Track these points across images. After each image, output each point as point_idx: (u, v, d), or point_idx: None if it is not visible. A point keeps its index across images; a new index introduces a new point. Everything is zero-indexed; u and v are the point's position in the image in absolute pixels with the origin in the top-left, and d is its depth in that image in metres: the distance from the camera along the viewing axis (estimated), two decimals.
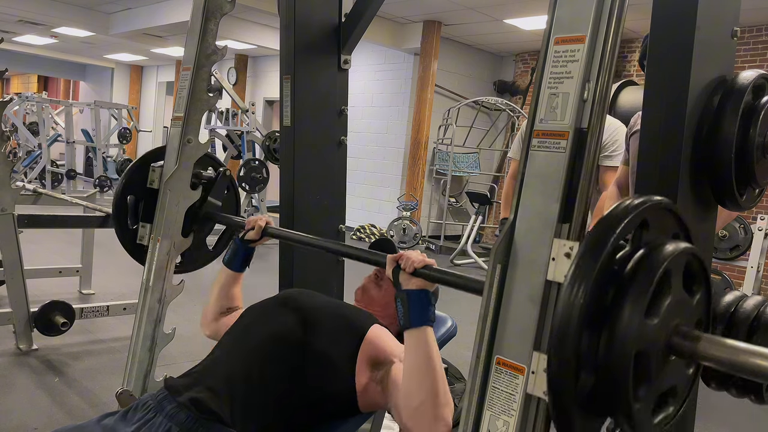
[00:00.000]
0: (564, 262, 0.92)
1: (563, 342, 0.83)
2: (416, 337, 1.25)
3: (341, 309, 1.54)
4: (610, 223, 0.86)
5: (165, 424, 1.24)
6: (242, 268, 1.78)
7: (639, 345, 0.83)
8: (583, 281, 0.83)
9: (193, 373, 1.39)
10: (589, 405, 0.86)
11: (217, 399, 1.28)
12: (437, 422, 1.20)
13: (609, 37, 0.94)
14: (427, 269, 1.27)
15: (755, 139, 1.17)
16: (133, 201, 2.00)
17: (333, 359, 1.37)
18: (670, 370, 0.90)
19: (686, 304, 0.92)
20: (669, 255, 0.87)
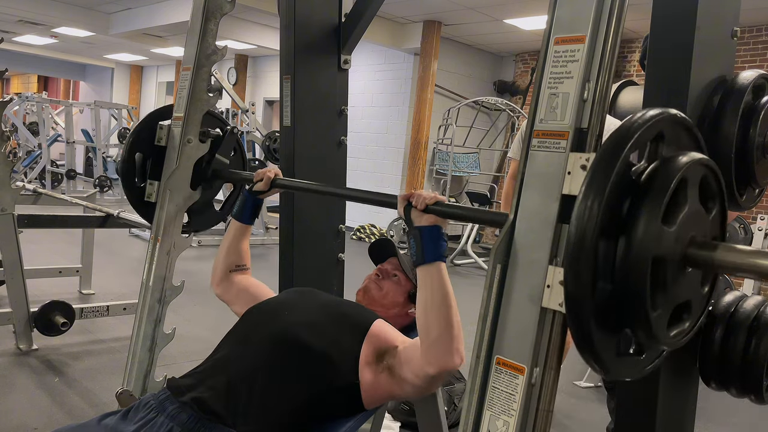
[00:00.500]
0: (580, 174, 0.92)
1: (580, 250, 0.82)
2: (430, 272, 1.26)
3: (343, 307, 1.54)
4: (626, 133, 0.85)
5: (167, 425, 1.24)
6: (251, 220, 1.77)
7: (656, 250, 0.83)
8: (599, 189, 0.82)
9: (196, 373, 1.39)
10: (606, 316, 0.85)
11: (220, 399, 1.28)
12: (454, 354, 1.23)
13: (609, 37, 0.94)
14: (438, 205, 1.28)
15: (755, 139, 1.17)
16: (141, 159, 2.00)
17: (336, 358, 1.37)
18: (686, 283, 0.90)
19: (702, 219, 0.91)
20: (686, 164, 0.86)
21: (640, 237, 0.82)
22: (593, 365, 0.88)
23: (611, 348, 0.89)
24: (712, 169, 0.92)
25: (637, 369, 0.95)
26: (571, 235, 0.83)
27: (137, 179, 2.02)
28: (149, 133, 2.00)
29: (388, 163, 9.11)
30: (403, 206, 1.32)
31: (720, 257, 0.87)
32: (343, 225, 2.31)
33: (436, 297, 1.25)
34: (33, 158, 11.06)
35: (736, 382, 1.16)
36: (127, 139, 2.02)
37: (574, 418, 3.07)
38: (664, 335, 0.89)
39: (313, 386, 1.34)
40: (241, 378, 1.33)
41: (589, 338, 0.85)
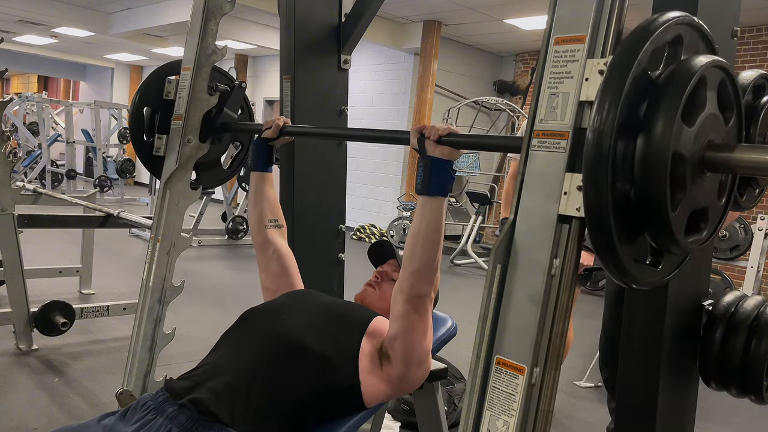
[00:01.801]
0: (597, 80, 0.91)
1: (598, 152, 0.81)
2: (430, 204, 1.29)
3: (342, 308, 1.54)
4: (644, 32, 0.84)
5: (165, 426, 1.24)
6: (267, 167, 1.78)
7: (676, 146, 0.82)
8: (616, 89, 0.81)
9: (194, 375, 1.39)
10: (625, 217, 0.84)
11: (218, 401, 1.28)
12: (429, 284, 1.33)
13: (609, 37, 0.94)
14: (451, 136, 1.29)
15: (755, 139, 1.17)
16: (149, 113, 2.02)
17: (335, 359, 1.37)
18: (704, 189, 0.90)
19: (720, 125, 0.91)
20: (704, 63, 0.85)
21: (660, 133, 0.81)
22: (611, 268, 0.87)
23: (629, 253, 0.88)
24: (730, 75, 0.91)
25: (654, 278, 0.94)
26: (589, 137, 0.82)
27: (146, 134, 2.04)
28: (157, 88, 2.02)
29: (388, 163, 9.11)
30: (416, 138, 1.33)
31: (739, 156, 0.86)
32: (343, 225, 2.31)
33: (429, 229, 1.30)
34: (33, 158, 11.06)
35: (736, 382, 1.16)
36: (134, 94, 2.04)
37: (574, 418, 3.07)
38: (682, 239, 0.88)
39: (313, 388, 1.34)
40: (239, 380, 1.32)
41: (609, 241, 0.84)
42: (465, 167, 8.77)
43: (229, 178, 2.21)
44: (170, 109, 2.00)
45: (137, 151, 2.07)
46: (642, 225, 0.87)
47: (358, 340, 1.40)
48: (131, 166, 11.02)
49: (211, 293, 4.66)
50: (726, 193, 0.97)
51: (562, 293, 0.95)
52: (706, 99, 0.86)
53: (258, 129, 1.82)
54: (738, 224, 4.64)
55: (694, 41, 0.91)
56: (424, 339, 1.38)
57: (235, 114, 2.07)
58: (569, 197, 0.93)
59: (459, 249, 7.39)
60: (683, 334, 1.24)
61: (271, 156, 1.79)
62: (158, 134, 2.02)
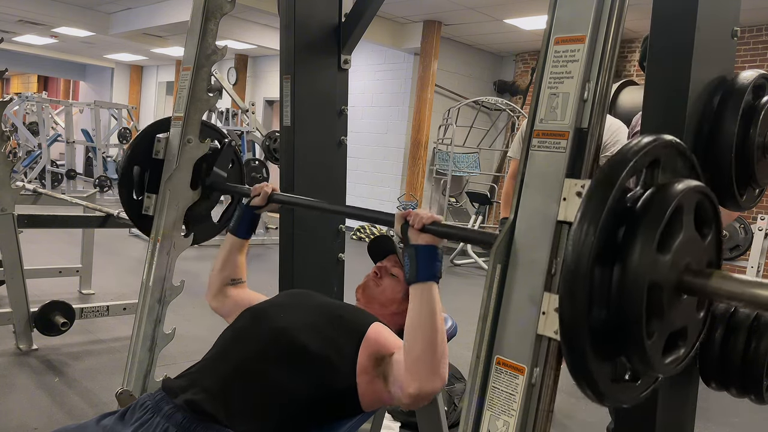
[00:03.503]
0: (575, 201, 0.92)
1: (575, 278, 0.82)
2: (422, 291, 1.27)
3: (340, 309, 1.53)
4: (621, 160, 0.85)
5: (162, 425, 1.24)
6: (248, 235, 1.76)
7: (652, 276, 0.83)
8: (594, 216, 0.82)
9: (190, 374, 1.38)
10: (601, 342, 0.85)
11: (214, 400, 1.27)
12: (434, 375, 1.24)
13: (609, 37, 0.95)
14: (435, 225, 1.29)
15: (755, 139, 1.17)
16: (139, 171, 2.00)
17: (333, 360, 1.36)
18: (682, 311, 0.90)
19: (697, 245, 0.91)
20: (681, 191, 0.86)
21: (636, 265, 0.82)
22: (588, 393, 0.88)
23: (606, 375, 0.89)
24: (708, 195, 0.92)
25: (633, 395, 0.94)
26: (567, 262, 0.84)
27: (135, 192, 2.02)
28: (147, 146, 2.00)
29: (388, 163, 9.11)
30: (400, 224, 1.33)
31: (715, 286, 0.87)
32: (343, 225, 2.31)
33: (423, 316, 1.26)
34: (33, 158, 11.06)
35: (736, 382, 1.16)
36: (125, 153, 2.04)
37: (574, 418, 3.07)
38: (660, 363, 0.89)
39: (311, 387, 1.33)
40: (236, 379, 1.32)
41: (584, 366, 0.85)
42: (465, 167, 8.77)
43: (220, 232, 2.17)
44: (159, 168, 1.97)
45: (126, 210, 2.04)
46: (618, 349, 0.87)
47: (356, 346, 1.39)
48: None
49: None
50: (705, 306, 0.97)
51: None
52: (683, 225, 0.87)
53: (247, 193, 1.81)
54: (738, 224, 4.64)
55: (671, 160, 0.92)
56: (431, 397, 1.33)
57: (224, 172, 2.04)
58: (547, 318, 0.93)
59: (459, 249, 7.39)
60: None
61: (255, 224, 1.78)
62: (147, 193, 2.00)
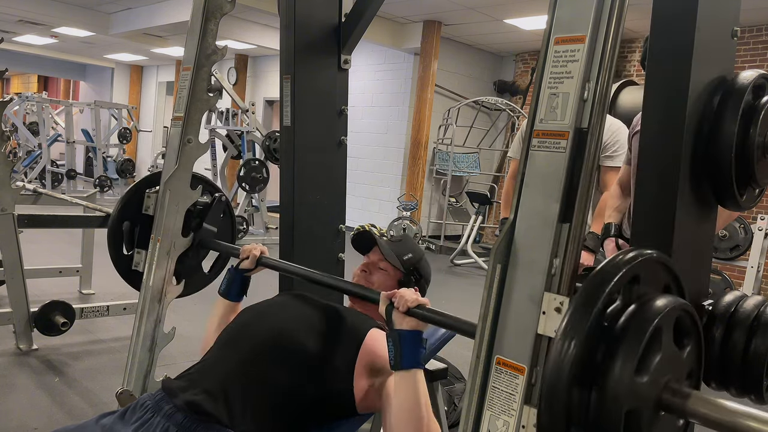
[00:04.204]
0: (554, 317, 0.92)
1: (554, 398, 0.83)
2: (405, 378, 1.25)
3: (339, 312, 1.53)
4: (602, 280, 0.86)
5: (163, 424, 1.24)
6: (239, 298, 1.75)
7: (629, 404, 0.83)
8: (574, 338, 0.83)
9: (189, 374, 1.39)
10: None
11: (214, 401, 1.27)
12: None
13: (609, 37, 0.94)
14: (420, 309, 1.27)
15: (755, 139, 1.17)
16: (129, 227, 1.99)
17: (331, 362, 1.36)
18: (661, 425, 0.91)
19: (677, 359, 0.92)
20: (659, 311, 0.87)
21: (613, 390, 0.82)
22: None
23: None
24: (687, 311, 0.92)
25: None
26: (546, 380, 0.84)
27: (125, 247, 2.01)
28: (137, 201, 2.00)
29: (388, 163, 9.11)
30: (385, 305, 1.31)
31: (692, 407, 0.87)
32: (343, 225, 2.31)
33: (408, 404, 1.24)
34: (33, 158, 11.06)
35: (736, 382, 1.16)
36: (114, 208, 2.02)
37: None
38: None
39: (310, 387, 1.34)
40: (235, 379, 1.32)
41: None
42: (465, 167, 8.77)
43: (211, 281, 2.17)
44: (149, 224, 1.97)
45: (116, 265, 2.03)
46: None
47: (355, 350, 1.39)
48: (131, 166, 11.03)
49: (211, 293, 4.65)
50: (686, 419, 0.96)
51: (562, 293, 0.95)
52: (662, 344, 0.87)
53: (235, 253, 1.81)
54: (738, 224, 4.64)
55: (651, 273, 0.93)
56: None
57: (215, 227, 2.03)
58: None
59: (459, 249, 7.39)
60: None
61: (246, 287, 1.76)
62: (137, 249, 1.99)
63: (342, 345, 1.40)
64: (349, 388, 1.35)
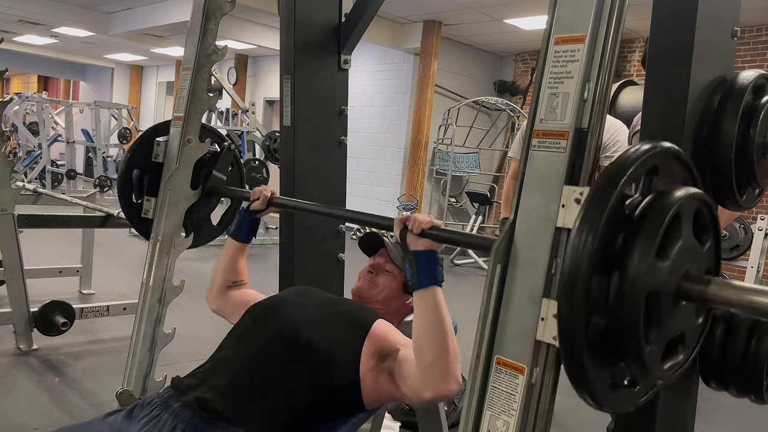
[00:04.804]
0: (574, 208, 0.92)
1: (574, 285, 0.82)
2: (425, 297, 1.27)
3: (344, 306, 1.54)
4: (620, 168, 0.85)
5: (171, 422, 1.25)
6: (248, 239, 1.76)
7: (650, 285, 0.83)
8: (593, 223, 0.82)
9: (199, 372, 1.40)
10: (599, 349, 0.85)
11: (222, 398, 1.28)
12: (448, 378, 1.23)
13: (609, 37, 0.94)
14: (434, 230, 1.28)
15: (755, 139, 1.17)
16: (138, 175, 2.00)
17: (337, 356, 1.37)
18: (680, 317, 0.90)
19: (696, 252, 0.91)
20: (679, 198, 0.86)
21: (634, 272, 0.82)
22: (586, 399, 0.88)
23: (605, 381, 0.89)
24: (706, 202, 0.92)
25: (632, 401, 0.94)
26: (565, 269, 0.84)
27: (135, 196, 2.02)
28: (146, 150, 2.00)
29: (388, 163, 9.11)
30: (399, 229, 1.33)
31: (714, 292, 0.87)
32: (343, 225, 2.31)
33: (430, 322, 1.25)
34: (33, 158, 11.05)
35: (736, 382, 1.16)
36: (123, 156, 2.04)
37: (574, 417, 3.06)
38: (658, 369, 0.89)
39: (315, 383, 1.34)
40: (242, 376, 1.33)
41: (582, 372, 0.85)
42: (465, 167, 8.77)
43: (220, 234, 2.17)
44: (159, 172, 1.98)
45: (125, 213, 2.05)
46: (616, 356, 0.88)
47: (360, 342, 1.40)
48: None
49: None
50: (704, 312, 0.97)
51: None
52: (681, 232, 0.87)
53: (246, 196, 1.81)
54: (738, 224, 4.64)
55: (670, 167, 0.92)
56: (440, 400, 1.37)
57: (224, 175, 2.04)
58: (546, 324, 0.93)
59: (459, 249, 7.38)
60: None
61: (256, 229, 1.78)
62: (147, 196, 2.00)
63: (348, 338, 1.40)
64: (356, 381, 1.36)
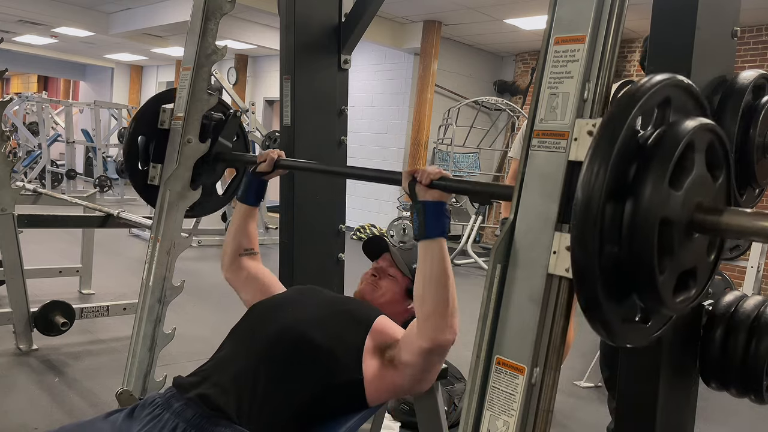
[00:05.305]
0: (586, 140, 0.92)
1: (586, 216, 0.82)
2: (431, 247, 1.28)
3: (346, 304, 1.55)
4: (632, 97, 0.85)
5: (172, 421, 1.25)
6: (257, 202, 1.77)
7: (663, 212, 0.83)
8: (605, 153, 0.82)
9: (202, 371, 1.40)
10: (613, 281, 0.85)
11: (225, 396, 1.28)
12: (447, 329, 1.27)
13: (609, 37, 0.94)
14: (443, 180, 1.29)
15: (755, 139, 1.17)
16: (144, 142, 2.01)
17: (340, 353, 1.37)
18: (693, 250, 0.91)
19: (709, 186, 0.91)
20: (693, 128, 0.86)
21: (648, 199, 0.82)
22: (600, 330, 0.88)
23: (618, 315, 0.89)
24: (719, 136, 0.92)
25: (643, 336, 0.95)
26: (578, 199, 0.83)
27: (140, 163, 2.03)
28: (152, 117, 2.01)
29: (388, 163, 9.11)
30: (407, 181, 1.33)
31: (727, 221, 0.87)
32: (343, 225, 2.31)
33: (434, 272, 1.28)
34: (33, 158, 11.05)
35: (736, 382, 1.16)
36: (129, 123, 2.04)
37: (574, 418, 3.07)
38: (671, 300, 0.89)
39: (317, 382, 1.34)
40: (244, 375, 1.33)
41: (596, 302, 0.85)
42: (465, 167, 8.77)
43: (225, 205, 2.19)
44: (165, 138, 1.98)
45: (132, 180, 2.05)
46: (630, 287, 0.88)
47: (362, 338, 1.40)
48: None
49: (211, 293, 4.66)
50: (715, 250, 0.97)
51: (562, 293, 0.95)
52: (694, 162, 0.87)
53: (252, 160, 1.81)
54: None
55: (683, 101, 0.92)
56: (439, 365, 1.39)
57: (230, 143, 2.05)
58: (558, 257, 0.93)
59: (459, 249, 7.39)
60: (683, 334, 1.24)
61: (263, 191, 1.79)
62: (153, 163, 2.01)
63: (350, 335, 1.41)
64: (359, 378, 1.36)
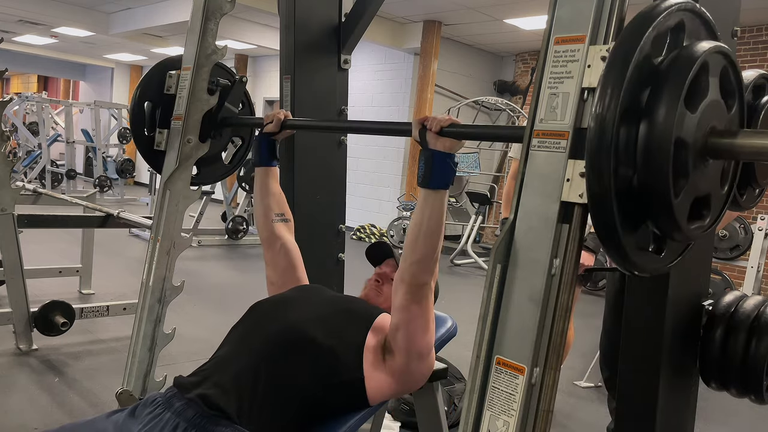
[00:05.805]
0: (599, 66, 0.91)
1: (601, 138, 0.81)
2: (432, 197, 1.30)
3: (348, 303, 1.55)
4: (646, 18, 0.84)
5: (173, 420, 1.24)
6: (270, 161, 1.77)
7: (678, 132, 0.82)
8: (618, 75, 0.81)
9: (202, 370, 1.40)
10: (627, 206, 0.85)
11: (226, 395, 1.28)
12: (429, 272, 1.34)
13: (609, 37, 0.94)
14: (453, 127, 1.28)
15: None
16: (150, 107, 2.02)
17: (340, 352, 1.37)
18: (707, 176, 0.90)
19: (722, 111, 0.91)
20: (707, 49, 0.85)
21: (663, 119, 0.81)
22: (615, 255, 0.88)
23: (633, 241, 0.89)
24: (733, 62, 0.91)
25: (657, 266, 0.95)
26: (592, 124, 0.83)
27: (146, 129, 2.05)
28: (158, 82, 2.03)
29: (388, 163, 9.11)
30: (417, 129, 1.33)
31: (741, 142, 0.87)
32: (343, 225, 2.31)
33: (430, 223, 1.30)
34: (33, 158, 11.06)
35: (736, 382, 1.16)
36: (135, 89, 2.06)
37: (574, 418, 3.07)
38: (685, 225, 0.88)
39: (318, 381, 1.34)
40: (245, 374, 1.33)
41: (612, 227, 0.84)
42: (465, 167, 8.76)
43: (230, 173, 2.21)
44: (171, 104, 2.01)
45: (138, 146, 2.08)
46: (645, 212, 0.88)
47: (363, 335, 1.40)
48: (131, 166, 11.02)
49: (211, 293, 4.66)
50: (728, 181, 0.98)
51: (562, 293, 0.95)
52: (708, 85, 0.86)
53: (259, 123, 1.82)
54: (738, 224, 4.64)
55: (696, 28, 0.92)
56: (426, 331, 1.39)
57: (235, 109, 2.07)
58: (572, 184, 0.93)
59: (459, 249, 7.38)
60: (683, 334, 1.24)
61: (275, 150, 1.78)
62: (159, 129, 2.03)
63: (352, 333, 1.41)
64: (360, 377, 1.36)
